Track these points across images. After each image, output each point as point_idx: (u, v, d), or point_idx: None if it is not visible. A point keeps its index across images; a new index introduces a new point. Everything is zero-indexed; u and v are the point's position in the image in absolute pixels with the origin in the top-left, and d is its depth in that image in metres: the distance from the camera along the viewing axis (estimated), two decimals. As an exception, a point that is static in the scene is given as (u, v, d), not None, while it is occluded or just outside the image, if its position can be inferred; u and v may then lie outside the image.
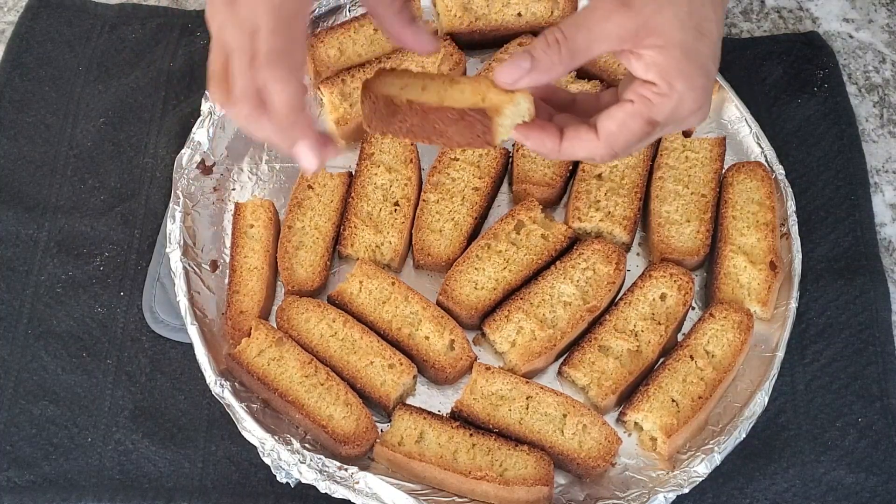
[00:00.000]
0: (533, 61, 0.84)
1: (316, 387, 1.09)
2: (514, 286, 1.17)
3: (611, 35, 0.84)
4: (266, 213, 1.19)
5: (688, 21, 0.84)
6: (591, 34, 0.84)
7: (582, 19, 0.85)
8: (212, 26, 0.86)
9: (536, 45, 0.85)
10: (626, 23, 0.83)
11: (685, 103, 0.86)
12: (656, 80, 0.85)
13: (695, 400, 1.10)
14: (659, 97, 0.85)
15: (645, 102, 0.85)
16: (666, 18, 0.83)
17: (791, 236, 1.20)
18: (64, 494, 1.09)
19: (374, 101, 0.91)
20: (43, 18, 1.39)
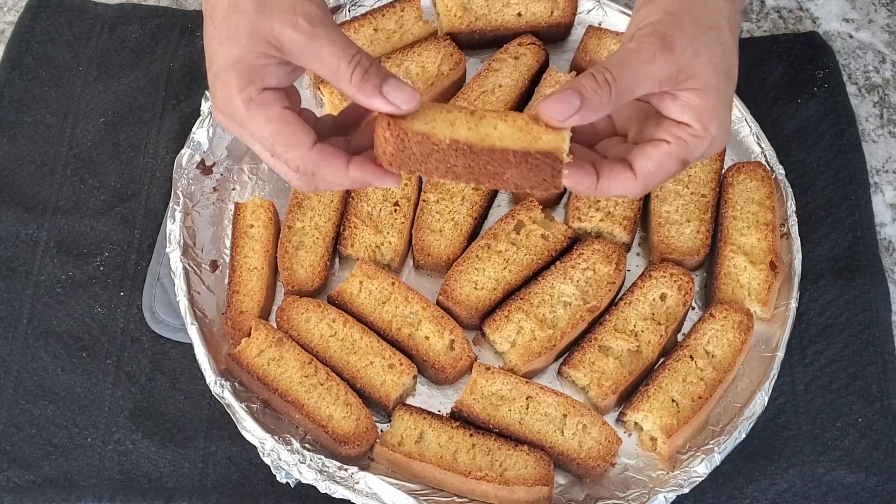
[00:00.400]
0: (584, 100, 0.84)
1: (316, 387, 1.09)
2: (514, 286, 1.17)
3: (654, 77, 0.85)
4: (266, 213, 1.19)
5: (720, 66, 0.88)
6: (635, 76, 0.85)
7: (627, 60, 0.86)
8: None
9: (586, 83, 0.84)
10: (667, 66, 0.85)
11: (716, 143, 0.89)
12: (692, 122, 0.87)
13: (695, 400, 1.10)
14: (694, 139, 0.87)
15: (681, 143, 0.87)
16: (703, 63, 0.86)
17: (791, 236, 1.20)
18: (64, 494, 1.09)
19: (400, 139, 0.84)
20: (43, 18, 1.39)
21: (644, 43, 0.86)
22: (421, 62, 1.28)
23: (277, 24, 0.84)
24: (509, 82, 1.28)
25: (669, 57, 0.85)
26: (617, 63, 0.85)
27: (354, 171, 0.86)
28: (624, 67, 0.85)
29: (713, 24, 0.88)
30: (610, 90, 0.84)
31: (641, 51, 0.86)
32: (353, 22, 1.31)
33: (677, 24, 0.87)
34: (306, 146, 0.86)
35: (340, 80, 0.84)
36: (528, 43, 1.31)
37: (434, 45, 1.29)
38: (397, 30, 1.31)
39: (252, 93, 0.85)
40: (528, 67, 1.29)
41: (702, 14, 0.88)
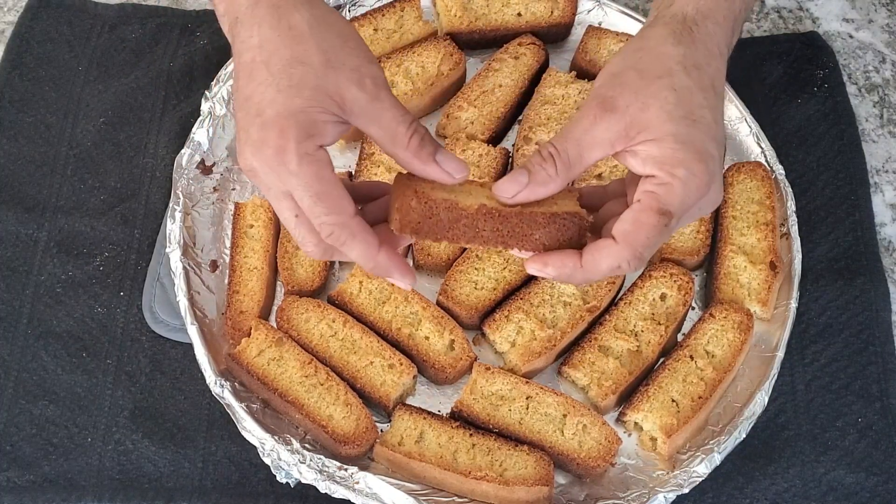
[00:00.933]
0: (530, 175, 0.85)
1: (316, 387, 1.09)
2: (514, 286, 1.17)
3: (602, 141, 0.85)
4: (266, 213, 1.19)
5: (675, 112, 0.85)
6: (580, 145, 0.85)
7: (570, 131, 0.86)
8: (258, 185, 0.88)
9: (533, 160, 0.86)
10: (613, 126, 0.85)
11: (690, 188, 0.85)
12: (655, 171, 0.85)
13: (695, 400, 1.10)
14: (662, 187, 0.85)
15: (650, 196, 0.85)
16: (653, 114, 0.85)
17: (791, 236, 1.20)
18: (64, 494, 1.09)
19: (427, 206, 0.85)
20: (43, 18, 1.39)
21: (586, 109, 0.86)
22: (421, 62, 1.28)
23: (344, 82, 0.83)
24: (509, 82, 1.28)
25: (612, 117, 0.85)
26: (561, 135, 0.86)
27: (383, 258, 0.86)
28: (567, 138, 0.86)
29: (661, 73, 0.87)
30: (555, 163, 0.85)
31: (583, 118, 0.86)
32: (352, 22, 1.31)
33: (619, 83, 0.87)
34: (349, 214, 0.84)
35: (397, 145, 0.84)
36: (528, 43, 1.31)
37: (434, 45, 1.29)
38: (397, 30, 1.31)
39: (310, 148, 0.82)
40: (528, 67, 1.29)
41: (648, 66, 0.87)
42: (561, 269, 0.86)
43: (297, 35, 0.84)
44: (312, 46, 0.83)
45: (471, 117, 1.26)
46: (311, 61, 0.83)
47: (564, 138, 0.86)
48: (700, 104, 0.87)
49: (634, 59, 0.88)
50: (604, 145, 0.85)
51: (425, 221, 0.86)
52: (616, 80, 0.87)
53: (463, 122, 1.26)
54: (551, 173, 0.85)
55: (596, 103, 0.86)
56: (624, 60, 0.89)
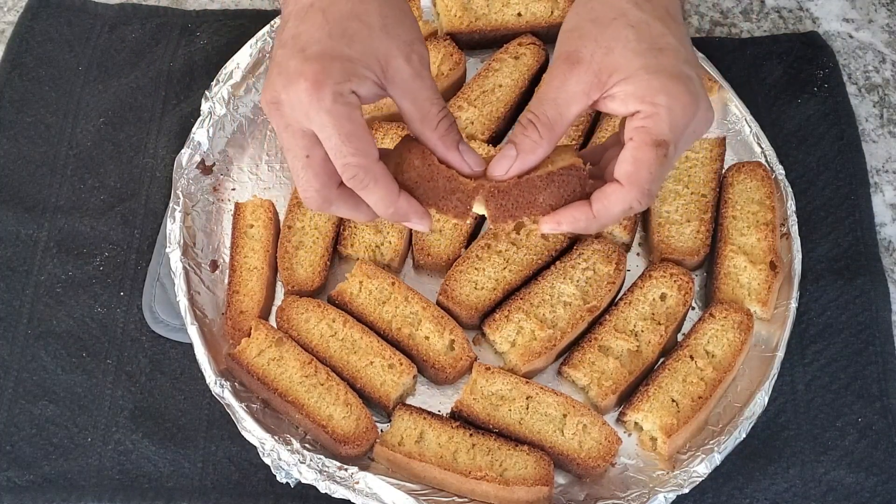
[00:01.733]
0: (517, 147, 0.86)
1: (316, 387, 1.09)
2: (514, 286, 1.17)
3: (576, 94, 0.86)
4: (266, 213, 1.19)
5: (639, 46, 0.87)
6: (557, 104, 0.86)
7: (543, 94, 0.87)
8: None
9: (515, 131, 0.87)
10: (583, 77, 0.86)
11: (676, 111, 0.86)
12: (637, 106, 0.86)
13: (695, 400, 1.10)
14: (649, 119, 0.86)
15: (641, 130, 0.86)
16: (618, 54, 0.86)
17: (791, 236, 1.20)
18: (64, 494, 1.09)
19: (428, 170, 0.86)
20: (43, 18, 1.39)
21: (553, 69, 0.88)
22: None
23: (394, 51, 0.85)
24: (509, 82, 1.28)
25: (580, 68, 0.86)
26: (536, 100, 0.87)
27: (403, 202, 0.89)
28: (543, 101, 0.87)
29: (615, 14, 0.88)
30: (536, 128, 0.86)
31: (553, 77, 0.87)
32: (353, 22, 1.31)
33: (577, 35, 0.88)
34: (374, 158, 0.86)
35: (426, 125, 0.87)
36: (528, 43, 1.31)
37: (434, 45, 1.29)
38: (397, 30, 1.31)
39: (346, 90, 0.84)
40: (528, 67, 1.29)
41: (601, 13, 0.89)
42: (575, 222, 0.88)
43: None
44: (374, 8, 0.86)
45: (471, 117, 1.26)
46: (369, 21, 0.85)
47: (540, 102, 0.87)
48: (661, 32, 0.88)
49: (586, 10, 0.90)
50: (579, 98, 0.86)
51: (423, 184, 0.88)
52: (575, 34, 0.89)
53: (463, 121, 1.26)
54: (536, 139, 0.86)
55: (561, 60, 0.87)
56: (577, 15, 0.90)
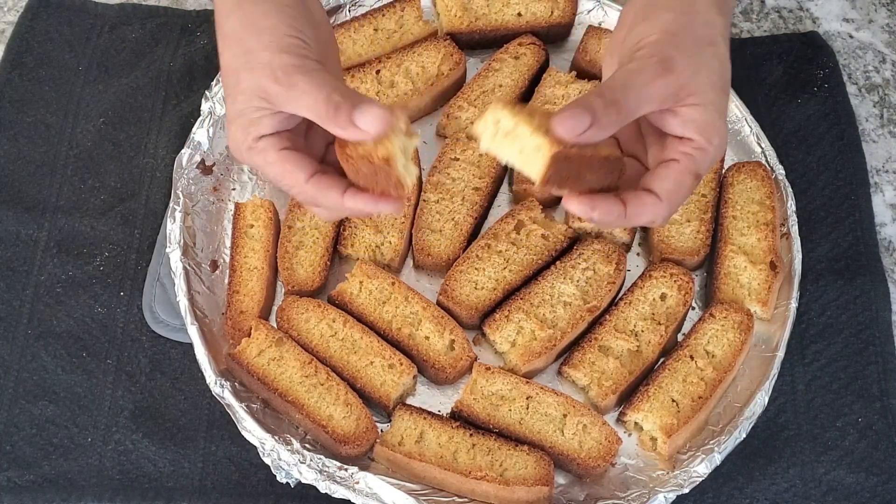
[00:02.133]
0: (595, 118, 0.86)
1: (316, 387, 1.09)
2: (514, 286, 1.17)
3: (656, 98, 0.88)
4: (266, 213, 1.19)
5: (718, 82, 0.91)
6: (639, 97, 0.87)
7: (630, 81, 0.88)
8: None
9: (595, 103, 0.86)
10: (669, 86, 0.88)
11: (718, 156, 0.92)
12: (694, 136, 0.89)
13: (695, 400, 1.10)
14: (700, 152, 0.90)
15: (689, 158, 0.90)
16: (702, 80, 0.89)
17: (791, 236, 1.20)
18: (64, 494, 1.09)
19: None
20: (43, 18, 1.39)
21: (645, 64, 0.89)
22: (421, 62, 1.28)
23: (262, 80, 0.89)
24: (509, 82, 1.28)
25: (670, 77, 0.88)
26: (621, 84, 0.88)
27: (350, 202, 0.91)
28: (628, 88, 0.87)
29: (710, 40, 0.91)
30: (617, 110, 0.86)
31: (643, 72, 0.88)
32: (353, 22, 1.31)
33: (676, 44, 0.90)
34: (301, 181, 0.91)
35: (324, 122, 0.88)
36: (528, 43, 1.31)
37: (434, 45, 1.29)
38: (397, 30, 1.31)
39: (250, 142, 0.92)
40: (528, 67, 1.29)
41: (700, 32, 0.91)
42: (607, 214, 0.88)
43: (228, 43, 0.93)
44: (237, 52, 0.92)
45: (471, 117, 1.26)
46: (236, 66, 0.91)
47: (626, 88, 0.87)
48: (729, 78, 0.93)
49: (687, 21, 0.92)
50: (655, 102, 0.88)
51: (362, 171, 0.89)
52: (674, 42, 0.90)
53: (463, 122, 1.26)
54: (613, 119, 0.86)
55: (657, 60, 0.88)
56: (677, 21, 0.91)
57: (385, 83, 1.27)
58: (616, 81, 0.88)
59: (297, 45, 0.91)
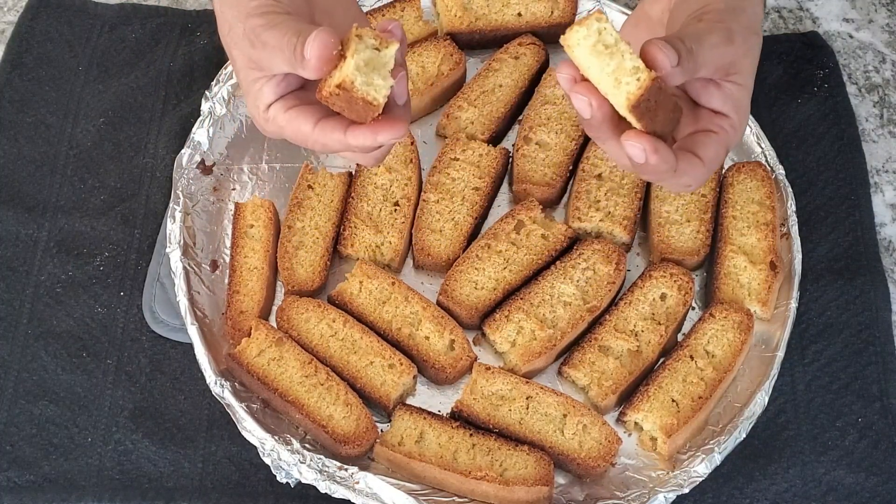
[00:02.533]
0: (680, 60, 0.86)
1: (316, 387, 1.09)
2: (514, 286, 1.17)
3: (716, 63, 0.89)
4: (266, 213, 1.19)
5: (754, 69, 0.93)
6: (705, 56, 0.88)
7: (703, 39, 0.88)
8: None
9: (680, 47, 0.86)
10: (727, 56, 0.90)
11: (740, 139, 0.95)
12: (731, 112, 0.91)
13: (695, 400, 1.10)
14: (733, 130, 0.92)
15: (725, 133, 0.91)
16: (748, 63, 0.92)
17: (791, 236, 1.20)
18: (64, 494, 1.09)
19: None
20: (43, 18, 1.39)
21: (714, 28, 0.89)
22: (421, 62, 1.28)
23: (245, 50, 0.89)
24: (509, 82, 1.28)
25: (730, 48, 0.89)
26: (696, 38, 0.88)
27: (352, 138, 0.88)
28: (702, 44, 0.88)
29: (757, 30, 0.94)
30: (693, 59, 0.86)
31: (713, 34, 0.89)
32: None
33: (738, 20, 0.91)
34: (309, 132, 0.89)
35: (294, 70, 0.87)
36: (528, 43, 1.31)
37: (434, 45, 1.29)
38: (397, 30, 1.31)
39: (262, 114, 0.91)
40: (528, 67, 1.29)
41: (752, 18, 0.94)
42: (663, 161, 0.87)
43: (218, 24, 0.94)
44: (224, 31, 0.92)
45: (471, 117, 1.26)
46: (227, 45, 0.93)
47: (700, 42, 0.88)
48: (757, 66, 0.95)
49: (745, 4, 0.94)
50: (713, 67, 0.89)
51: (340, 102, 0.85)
52: (737, 17, 0.92)
53: (463, 122, 1.26)
54: (690, 67, 0.86)
55: (724, 27, 0.89)
56: (733, 9, 0.93)
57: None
58: (691, 35, 0.88)
59: (263, 3, 0.89)
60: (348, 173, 1.24)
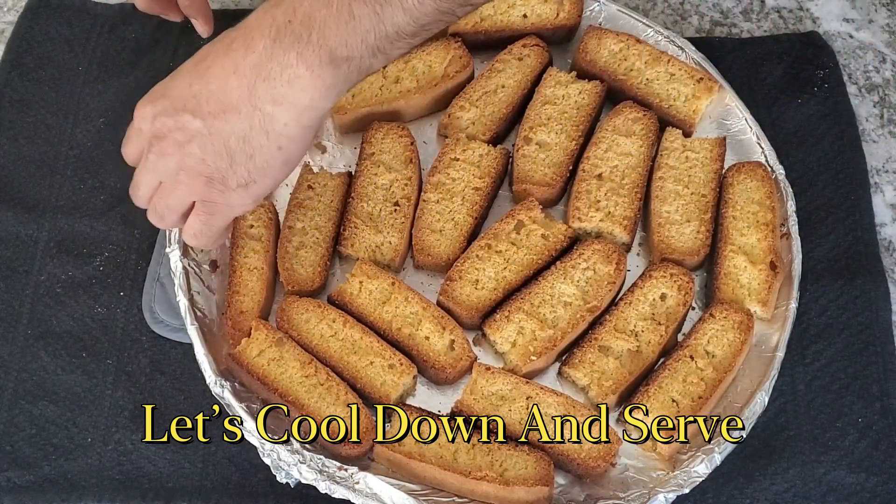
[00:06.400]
0: None
1: (316, 387, 1.09)
2: (514, 286, 1.17)
3: None
4: (266, 213, 1.19)
5: None
6: None
7: None
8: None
9: None
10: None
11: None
12: None
13: (695, 400, 1.10)
14: None
15: None
16: None
17: (791, 236, 1.20)
18: (64, 495, 1.09)
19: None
20: (43, 18, 1.39)
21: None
22: (429, 61, 1.28)
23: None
24: (512, 83, 1.28)
25: None
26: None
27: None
28: None
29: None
30: None
31: None
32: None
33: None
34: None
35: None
36: (531, 44, 1.31)
37: (444, 46, 1.29)
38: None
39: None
40: (531, 69, 1.29)
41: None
42: None
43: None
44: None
45: (472, 118, 1.26)
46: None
47: None
48: None
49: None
50: None
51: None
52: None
53: (464, 122, 1.26)
54: None
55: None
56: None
57: (390, 78, 1.27)
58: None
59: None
60: (348, 173, 1.24)
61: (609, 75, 1.29)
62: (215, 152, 0.93)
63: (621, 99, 1.28)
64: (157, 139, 0.94)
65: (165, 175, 0.97)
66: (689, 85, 1.28)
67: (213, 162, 0.93)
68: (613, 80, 1.29)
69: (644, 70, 1.29)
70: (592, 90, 1.27)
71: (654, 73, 1.29)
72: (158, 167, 0.96)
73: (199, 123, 0.92)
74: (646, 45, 1.31)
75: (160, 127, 0.94)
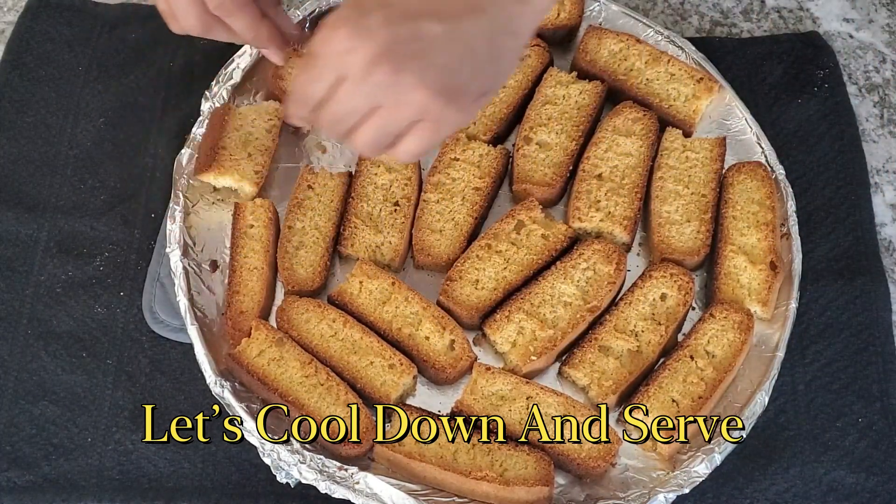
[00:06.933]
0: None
1: (316, 387, 1.09)
2: (514, 286, 1.17)
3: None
4: (266, 213, 1.19)
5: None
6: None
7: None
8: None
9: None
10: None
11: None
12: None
13: (695, 400, 1.10)
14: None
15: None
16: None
17: (791, 236, 1.20)
18: (64, 495, 1.09)
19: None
20: (43, 18, 1.39)
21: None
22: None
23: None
24: (512, 83, 1.28)
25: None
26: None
27: (265, 30, 1.06)
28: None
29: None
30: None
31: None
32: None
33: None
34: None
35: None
36: (532, 45, 1.31)
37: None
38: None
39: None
40: (532, 69, 1.29)
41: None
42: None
43: None
44: None
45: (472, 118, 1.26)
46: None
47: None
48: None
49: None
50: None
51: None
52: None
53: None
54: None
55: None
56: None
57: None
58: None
59: None
60: (348, 173, 1.24)
61: (609, 75, 1.29)
62: (461, 58, 0.83)
63: (621, 99, 1.28)
64: (384, 56, 0.81)
65: (393, 95, 0.83)
66: (689, 85, 1.28)
67: (458, 69, 0.83)
68: (613, 80, 1.29)
69: (644, 70, 1.29)
70: (593, 90, 1.27)
71: (654, 73, 1.29)
72: (385, 88, 0.82)
73: (441, 28, 0.82)
74: (646, 45, 1.31)
75: (389, 39, 0.81)
